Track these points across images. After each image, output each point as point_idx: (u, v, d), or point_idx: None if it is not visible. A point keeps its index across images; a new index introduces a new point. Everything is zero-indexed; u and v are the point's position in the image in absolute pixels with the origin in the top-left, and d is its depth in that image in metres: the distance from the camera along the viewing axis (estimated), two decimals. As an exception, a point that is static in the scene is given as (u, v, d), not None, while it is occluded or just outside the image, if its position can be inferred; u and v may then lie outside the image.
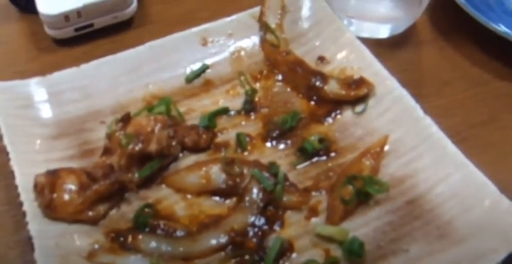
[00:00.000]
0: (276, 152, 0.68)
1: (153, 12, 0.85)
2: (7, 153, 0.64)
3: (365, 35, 0.79)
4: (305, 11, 0.77)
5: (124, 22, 0.82)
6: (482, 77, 0.79)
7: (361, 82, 0.70)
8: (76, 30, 0.79)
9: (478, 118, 0.75)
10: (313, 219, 0.63)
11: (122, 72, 0.72)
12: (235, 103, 0.71)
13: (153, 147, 0.63)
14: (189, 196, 0.64)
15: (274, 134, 0.69)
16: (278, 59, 0.73)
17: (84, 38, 0.81)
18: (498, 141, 0.73)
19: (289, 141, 0.69)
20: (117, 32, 0.82)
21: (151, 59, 0.73)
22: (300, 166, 0.67)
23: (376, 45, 0.77)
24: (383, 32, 0.81)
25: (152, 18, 0.84)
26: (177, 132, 0.66)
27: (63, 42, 0.81)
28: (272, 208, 0.63)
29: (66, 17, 0.77)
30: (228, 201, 0.64)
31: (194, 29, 0.75)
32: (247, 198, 0.63)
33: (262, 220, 0.62)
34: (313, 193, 0.65)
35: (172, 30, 0.76)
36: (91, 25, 0.80)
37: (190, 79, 0.73)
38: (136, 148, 0.63)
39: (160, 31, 0.77)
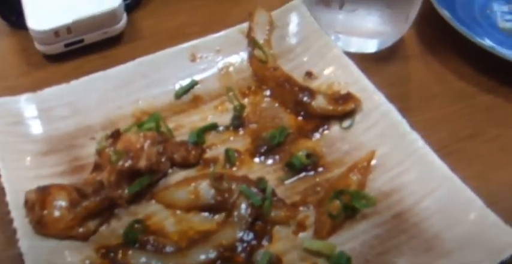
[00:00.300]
0: (264, 168, 0.69)
1: (143, 27, 0.85)
2: (-3, 170, 0.64)
3: (352, 50, 0.80)
4: (293, 27, 0.78)
5: (114, 37, 0.83)
6: (468, 91, 0.80)
7: (348, 97, 0.71)
8: (66, 45, 0.80)
9: (464, 132, 0.75)
10: (301, 234, 0.64)
11: (112, 88, 0.73)
12: (224, 119, 0.72)
13: (142, 163, 0.64)
14: (178, 212, 0.65)
15: (263, 150, 0.69)
16: (266, 75, 0.74)
17: (74, 53, 0.81)
18: (484, 154, 0.73)
19: (277, 157, 0.69)
20: (107, 47, 0.82)
21: (140, 75, 0.74)
22: (288, 181, 0.68)
23: (363, 60, 0.78)
24: (370, 46, 0.82)
25: (142, 33, 0.85)
26: (167, 149, 0.67)
27: (53, 58, 0.81)
28: (260, 223, 0.64)
29: (56, 32, 0.78)
30: (216, 217, 0.65)
31: (183, 45, 0.75)
32: (235, 214, 0.63)
33: (251, 235, 0.63)
34: (301, 208, 0.65)
35: (162, 46, 0.76)
36: (81, 41, 0.80)
37: (179, 95, 0.73)
38: (126, 164, 0.63)
39: (150, 46, 0.78)
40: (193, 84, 0.74)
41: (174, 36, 0.82)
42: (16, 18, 0.83)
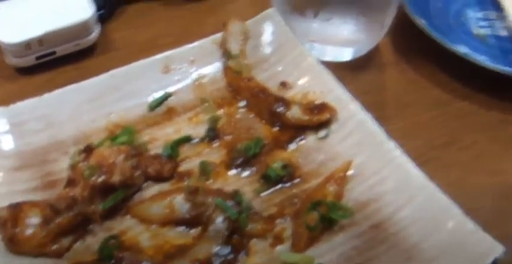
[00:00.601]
0: (240, 180, 0.68)
1: (116, 38, 0.85)
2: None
3: (328, 58, 0.80)
4: (267, 37, 0.77)
5: (87, 49, 0.82)
6: (443, 98, 0.80)
7: (323, 107, 0.71)
8: (38, 58, 0.79)
9: (440, 139, 0.75)
10: (279, 247, 0.63)
11: (85, 101, 0.72)
12: (198, 130, 0.71)
13: (116, 178, 0.63)
14: (153, 226, 0.64)
15: (238, 162, 0.69)
16: (241, 85, 0.74)
17: (47, 65, 0.80)
18: (461, 161, 0.73)
19: (253, 168, 0.69)
20: (80, 58, 0.82)
21: (113, 87, 0.73)
22: (264, 193, 0.67)
23: (339, 69, 0.77)
24: (346, 55, 0.81)
25: (115, 44, 0.84)
26: (140, 162, 0.66)
27: (25, 71, 0.80)
28: (237, 237, 0.63)
29: (27, 45, 0.77)
30: (192, 231, 0.64)
31: (156, 57, 0.75)
32: (211, 228, 0.62)
33: (227, 249, 0.62)
34: (278, 220, 0.65)
35: (136, 57, 0.76)
36: (53, 53, 0.79)
37: (153, 107, 0.73)
38: (99, 180, 0.63)
39: (124, 57, 0.78)
40: (167, 96, 0.73)
41: (147, 47, 0.82)
42: (-14, 31, 0.81)
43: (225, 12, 0.87)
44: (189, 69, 0.75)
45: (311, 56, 0.75)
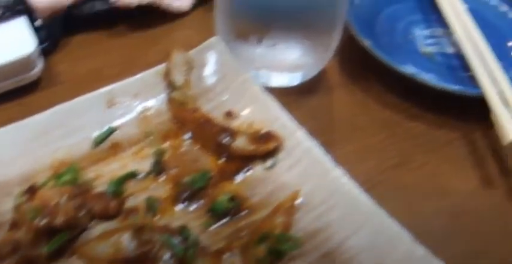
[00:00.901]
0: (188, 214, 0.67)
1: (60, 71, 0.83)
2: None
3: (274, 84, 0.79)
4: (211, 66, 0.77)
5: (31, 83, 0.80)
6: (392, 119, 0.80)
7: (269, 136, 0.70)
8: (-21, 95, 0.77)
9: (389, 161, 0.75)
10: (228, 282, 0.62)
11: (29, 139, 0.70)
12: (144, 165, 0.70)
13: (59, 220, 0.62)
14: (101, 266, 0.63)
15: (185, 196, 0.68)
16: (186, 117, 0.73)
17: (-12, 102, 0.79)
18: (411, 183, 0.73)
19: (200, 202, 0.68)
20: (23, 94, 0.80)
21: (58, 124, 0.71)
22: (212, 227, 0.66)
23: (286, 94, 0.77)
24: (293, 80, 0.81)
25: (60, 78, 0.83)
26: (85, 202, 0.65)
27: (-35, 109, 0.78)
28: (185, 273, 0.62)
29: (-33, 83, 0.75)
30: (140, 270, 0.63)
31: (100, 91, 0.74)
32: (159, 266, 0.62)
33: (176, 287, 0.61)
34: (227, 254, 0.64)
35: (81, 90, 0.74)
36: (-6, 90, 0.78)
37: (97, 143, 0.72)
38: (43, 222, 0.61)
39: (69, 91, 0.76)
40: (112, 131, 0.72)
41: (92, 79, 0.81)
42: None
43: (169, 40, 0.87)
44: (133, 103, 0.74)
45: (256, 85, 0.74)
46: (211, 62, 0.77)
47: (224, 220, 0.67)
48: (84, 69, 0.83)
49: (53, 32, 0.84)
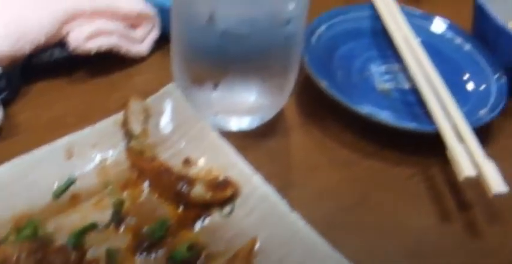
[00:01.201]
0: (148, 264, 0.68)
1: (21, 120, 0.83)
2: None
3: (232, 128, 0.81)
4: (168, 114, 0.78)
5: (-10, 134, 0.81)
6: (349, 158, 0.82)
7: (226, 183, 0.71)
8: None
9: (348, 201, 0.77)
10: None
11: (-12, 193, 0.71)
12: (104, 216, 0.71)
13: (19, 276, 0.62)
14: None
15: (144, 246, 0.68)
16: (144, 166, 0.74)
17: None
18: (370, 222, 0.75)
19: (160, 251, 0.68)
20: (-17, 145, 0.80)
21: (17, 176, 0.72)
22: (172, 277, 0.67)
23: (243, 138, 0.79)
24: (250, 123, 0.82)
25: (21, 127, 0.83)
26: (46, 256, 0.65)
27: None
28: None
29: None
30: None
31: (58, 143, 0.74)
32: None
33: None
34: (188, 302, 0.65)
35: (42, 139, 0.75)
36: (-48, 144, 0.78)
37: (57, 195, 0.72)
38: (3, 279, 0.62)
39: (30, 141, 0.76)
40: (71, 182, 0.73)
41: (53, 127, 0.81)
42: None
43: (129, 86, 0.87)
44: (91, 153, 0.75)
45: (213, 131, 0.75)
46: (168, 109, 0.78)
47: (183, 269, 0.67)
48: (45, 118, 0.84)
49: (13, 81, 0.85)
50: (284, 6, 0.72)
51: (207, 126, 0.76)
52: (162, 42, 0.92)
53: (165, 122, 0.78)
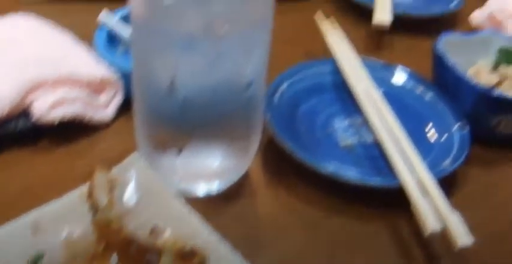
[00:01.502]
0: None
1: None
2: None
3: (198, 193, 0.81)
4: (133, 184, 0.78)
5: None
6: (316, 217, 0.82)
7: (193, 253, 0.71)
8: None
9: (317, 262, 0.77)
10: None
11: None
12: (72, 291, 0.71)
13: None
14: None
15: None
16: (111, 238, 0.74)
17: None
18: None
19: None
20: None
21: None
22: None
23: (209, 203, 0.79)
24: (216, 187, 0.83)
25: (-13, 200, 0.83)
26: None
27: None
28: None
29: None
30: None
31: (24, 219, 0.74)
32: None
33: None
34: None
35: (10, 212, 0.74)
36: None
37: (26, 271, 0.72)
38: None
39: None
40: (38, 258, 0.73)
41: (20, 199, 0.81)
42: None
43: (94, 153, 0.88)
44: (57, 228, 0.75)
45: (178, 199, 0.76)
46: (133, 179, 0.78)
47: None
48: (11, 190, 0.83)
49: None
50: (244, 70, 0.73)
51: (172, 195, 0.76)
52: (126, 106, 0.93)
53: (131, 192, 0.78)
